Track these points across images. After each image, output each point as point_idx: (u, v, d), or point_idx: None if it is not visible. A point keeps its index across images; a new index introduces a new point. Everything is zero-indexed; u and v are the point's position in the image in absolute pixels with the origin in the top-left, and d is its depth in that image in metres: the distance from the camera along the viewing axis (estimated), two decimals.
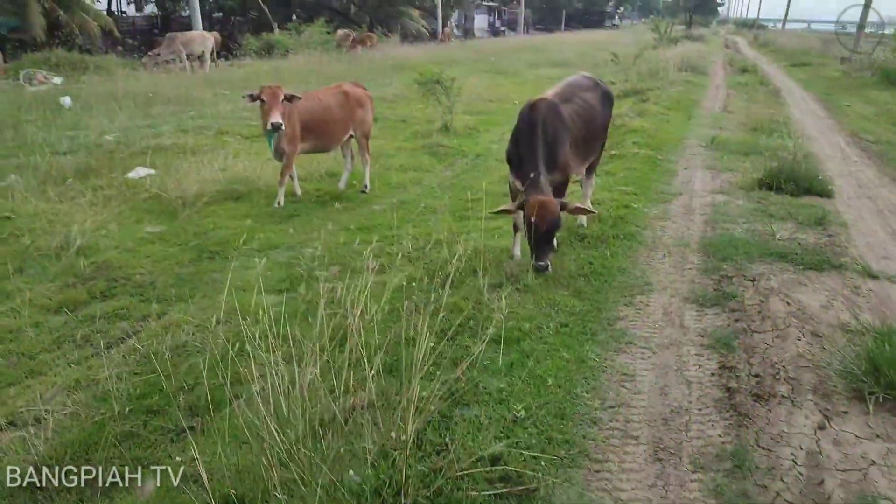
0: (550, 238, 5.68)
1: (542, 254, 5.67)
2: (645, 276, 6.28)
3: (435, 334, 5.14)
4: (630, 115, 14.21)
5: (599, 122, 6.98)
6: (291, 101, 9.38)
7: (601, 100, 7.10)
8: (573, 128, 6.34)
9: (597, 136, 7.03)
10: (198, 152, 12.61)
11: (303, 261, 8.04)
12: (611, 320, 5.36)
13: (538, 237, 5.57)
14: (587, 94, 6.89)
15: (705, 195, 9.04)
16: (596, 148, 7.15)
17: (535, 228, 5.51)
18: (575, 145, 6.39)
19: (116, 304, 6.91)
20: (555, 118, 6.08)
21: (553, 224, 5.59)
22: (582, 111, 6.58)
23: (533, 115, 6.01)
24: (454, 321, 5.20)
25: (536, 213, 5.51)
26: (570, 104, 6.50)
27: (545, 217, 5.51)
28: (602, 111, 7.06)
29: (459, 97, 20.18)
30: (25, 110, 15.49)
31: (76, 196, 9.94)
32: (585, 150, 6.74)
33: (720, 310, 5.63)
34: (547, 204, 5.56)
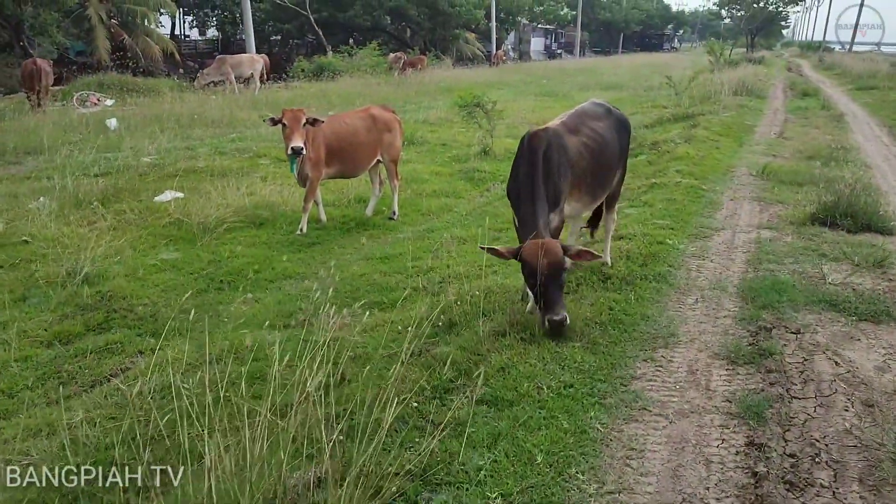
0: (558, 283, 4.97)
1: (554, 304, 4.94)
2: (672, 325, 5.54)
3: (424, 391, 4.54)
4: (677, 140, 13.39)
5: (612, 153, 6.23)
6: (314, 124, 8.94)
7: (615, 129, 6.37)
8: (579, 162, 5.65)
9: (610, 170, 6.28)
10: (229, 175, 12.32)
11: (311, 296, 7.56)
12: (624, 380, 4.65)
13: (544, 284, 4.91)
14: (598, 124, 6.16)
15: (750, 230, 8.21)
16: (609, 182, 6.38)
17: (538, 275, 4.86)
18: (583, 181, 5.70)
19: (112, 338, 6.51)
20: (558, 150, 5.41)
21: (558, 267, 4.89)
22: (592, 143, 5.86)
23: (533, 146, 5.34)
24: (444, 376, 4.58)
25: (533, 257, 4.85)
26: (577, 135, 5.80)
27: (546, 262, 4.83)
28: (616, 141, 6.32)
29: (503, 120, 19.64)
30: (71, 131, 15.49)
31: (98, 220, 9.68)
32: (595, 187, 6.00)
33: (754, 369, 4.86)
34: (548, 245, 4.88)
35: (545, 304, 4.93)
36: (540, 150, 5.30)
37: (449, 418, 4.07)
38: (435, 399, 4.38)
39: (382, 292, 7.56)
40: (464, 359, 4.81)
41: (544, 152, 5.29)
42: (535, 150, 5.30)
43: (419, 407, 4.29)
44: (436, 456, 3.72)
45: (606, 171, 6.12)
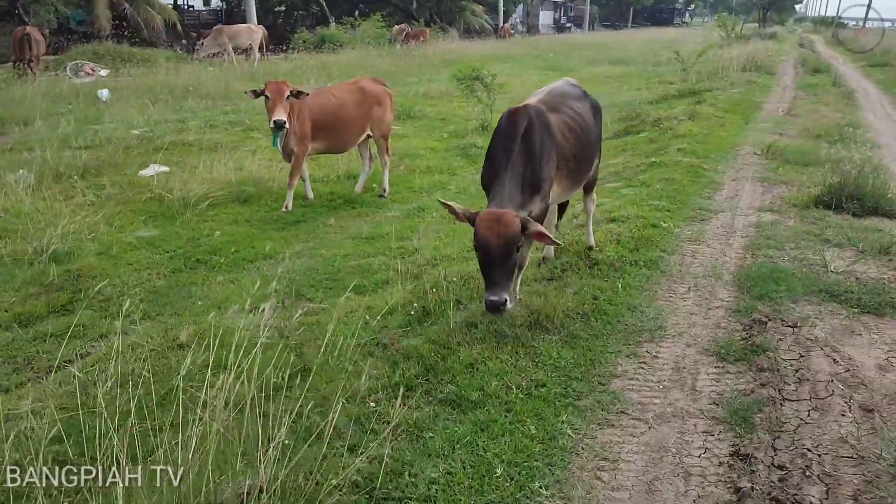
0: (506, 262, 4.31)
1: (496, 283, 4.26)
2: (660, 316, 5.15)
3: (385, 389, 4.18)
4: (680, 117, 12.88)
5: (591, 138, 5.71)
6: (298, 97, 8.53)
7: (591, 112, 5.87)
8: (564, 143, 5.16)
9: (592, 156, 5.79)
10: (218, 149, 11.92)
11: (288, 278, 7.20)
12: (603, 378, 4.27)
13: (489, 259, 4.29)
14: (577, 104, 5.66)
15: (751, 213, 7.78)
16: (589, 170, 5.87)
17: (484, 247, 4.29)
18: (566, 166, 5.20)
19: (75, 320, 6.15)
20: (541, 130, 4.91)
21: (508, 241, 4.24)
22: (574, 124, 5.37)
23: (513, 124, 4.85)
24: (408, 372, 4.22)
25: (486, 226, 4.27)
26: (558, 114, 5.30)
27: (499, 232, 4.22)
28: (594, 126, 5.83)
29: (506, 94, 19.12)
30: (61, 102, 15.09)
31: (76, 195, 9.33)
32: (577, 174, 5.50)
33: (745, 367, 4.47)
34: (503, 216, 4.28)
35: (487, 282, 4.36)
36: (520, 130, 4.75)
37: (404, 421, 3.71)
38: (396, 398, 4.01)
39: (364, 274, 7.18)
40: (432, 353, 4.45)
41: (525, 132, 4.78)
42: (515, 130, 4.76)
43: (378, 408, 3.93)
44: (387, 465, 3.36)
45: (588, 155, 5.63)
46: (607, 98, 18.63)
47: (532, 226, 4.42)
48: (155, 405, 4.57)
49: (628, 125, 13.18)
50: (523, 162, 4.69)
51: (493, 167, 4.76)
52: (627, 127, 13.10)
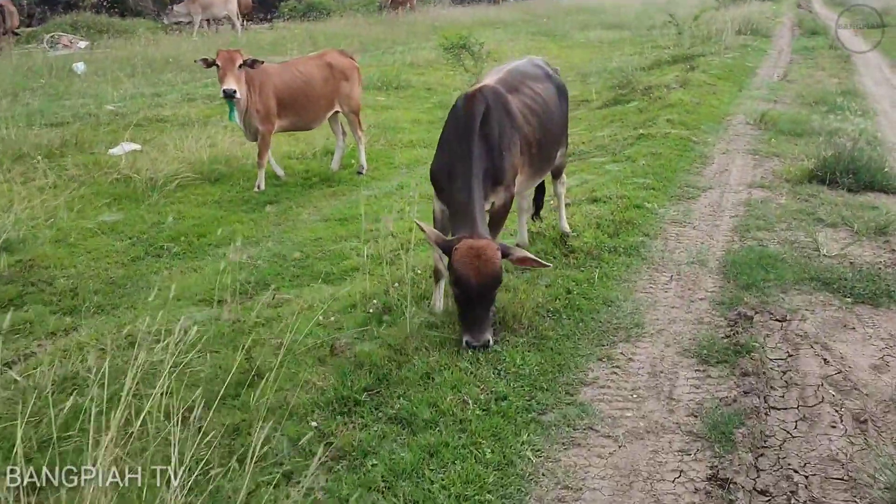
0: (488, 301, 4.00)
1: (477, 324, 4.00)
2: (638, 312, 4.73)
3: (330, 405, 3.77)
4: (672, 85, 12.33)
5: (556, 122, 5.20)
6: (253, 66, 8.06)
7: (555, 93, 5.31)
8: (526, 127, 4.65)
9: (554, 142, 5.26)
10: (193, 124, 11.39)
11: (252, 266, 6.79)
12: (572, 387, 3.86)
13: (469, 299, 3.95)
14: (539, 85, 5.12)
15: (741, 190, 7.32)
16: (554, 157, 5.37)
17: (464, 287, 3.91)
18: (529, 152, 4.69)
19: (22, 317, 5.76)
20: (500, 113, 4.41)
21: (491, 280, 3.91)
22: (536, 106, 4.86)
23: (469, 110, 4.31)
24: (358, 384, 3.81)
25: (466, 263, 3.85)
26: (518, 95, 4.79)
27: (481, 271, 3.84)
28: (559, 109, 5.29)
29: (497, 61, 18.51)
30: (34, 77, 14.52)
31: (37, 177, 8.85)
32: (542, 160, 5.00)
33: (728, 371, 4.06)
34: (483, 251, 3.86)
35: (468, 323, 4.02)
36: (477, 115, 4.24)
37: (347, 443, 3.32)
38: (342, 415, 3.61)
39: (333, 261, 6.76)
40: (386, 360, 4.03)
41: (483, 117, 4.27)
42: (472, 116, 4.25)
43: (321, 426, 3.52)
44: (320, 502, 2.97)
45: (553, 140, 5.14)
46: (598, 64, 18.05)
47: (514, 252, 4.08)
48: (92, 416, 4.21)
49: (618, 94, 12.64)
50: (483, 151, 4.21)
51: (450, 158, 4.27)
52: (617, 96, 12.56)
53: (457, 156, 4.24)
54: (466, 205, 4.09)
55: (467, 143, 4.20)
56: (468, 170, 4.13)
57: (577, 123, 11.44)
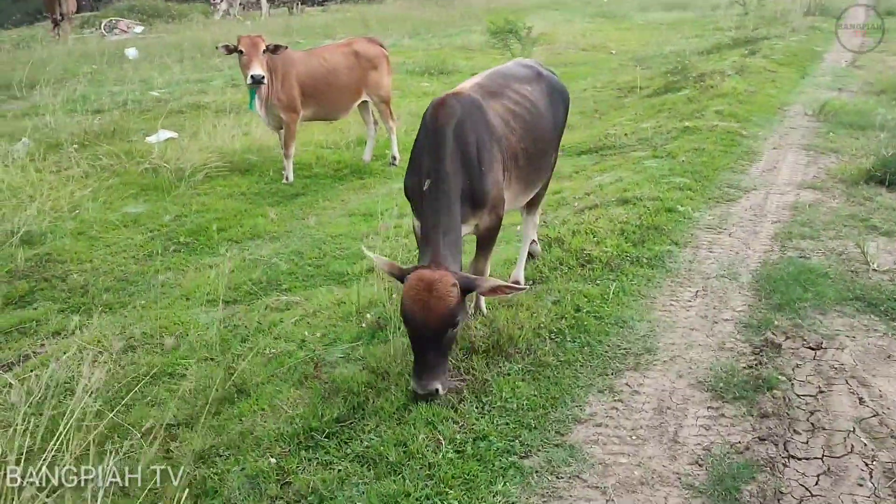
0: (439, 342, 3.42)
1: (425, 371, 3.43)
2: (653, 334, 4.26)
3: (297, 436, 3.46)
4: (728, 72, 11.56)
5: (547, 128, 4.58)
6: (276, 52, 7.78)
7: (548, 96, 4.68)
8: (509, 137, 4.13)
9: (545, 151, 4.64)
10: (233, 111, 11.24)
11: (269, 263, 6.54)
12: (564, 425, 3.44)
13: (417, 339, 3.44)
14: (525, 87, 4.53)
15: (788, 191, 6.69)
16: (544, 169, 4.74)
17: (411, 324, 3.42)
18: (515, 164, 4.17)
19: (28, 315, 5.65)
20: (476, 124, 3.86)
21: (442, 319, 3.34)
22: (521, 109, 4.32)
23: (439, 122, 3.77)
24: (329, 415, 3.49)
25: (414, 297, 3.34)
26: (500, 100, 4.24)
27: (430, 308, 3.31)
28: (550, 113, 4.65)
29: (549, 45, 17.92)
30: (87, 62, 14.63)
31: (71, 166, 8.80)
32: (530, 172, 4.43)
33: (745, 409, 3.58)
34: (435, 285, 3.32)
35: (417, 367, 3.48)
36: (449, 128, 3.72)
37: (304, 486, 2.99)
38: (307, 449, 3.29)
39: (350, 260, 6.47)
40: (364, 386, 3.69)
41: (456, 130, 3.74)
42: (442, 129, 3.72)
43: (280, 462, 3.21)
44: None
45: (542, 148, 4.54)
46: (654, 48, 17.25)
47: (480, 284, 3.51)
48: (71, 429, 4.01)
49: (669, 81, 11.94)
50: (457, 169, 3.71)
51: (418, 176, 3.79)
52: (668, 83, 11.86)
53: (425, 173, 3.73)
54: (430, 229, 3.60)
55: (437, 160, 3.69)
56: (435, 190, 3.64)
57: (623, 112, 10.86)
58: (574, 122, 10.89)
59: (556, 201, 7.13)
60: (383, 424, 3.35)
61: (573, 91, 13.72)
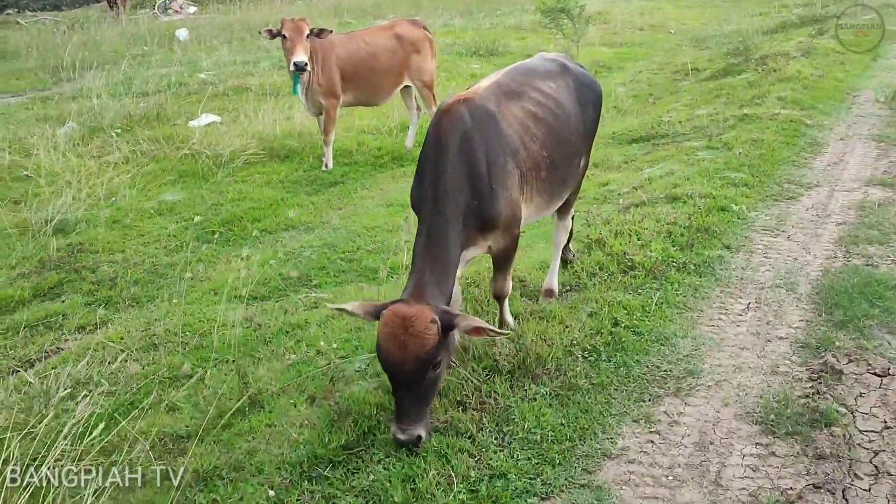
0: (418, 385, 3.00)
1: (405, 415, 3.04)
2: (697, 353, 3.86)
3: (300, 465, 3.19)
4: (793, 53, 10.85)
5: (574, 130, 4.07)
6: (320, 35, 7.51)
7: (576, 93, 4.18)
8: (529, 146, 3.67)
9: (571, 158, 4.09)
10: (277, 94, 11.05)
11: (299, 258, 6.32)
12: (592, 460, 3.08)
13: (394, 382, 3.05)
14: (548, 84, 4.03)
15: (855, 188, 6.13)
16: (571, 176, 4.24)
17: (386, 367, 3.04)
18: (536, 175, 3.73)
19: (56, 308, 5.55)
20: (488, 136, 3.44)
21: (420, 360, 2.94)
22: (544, 112, 3.84)
23: (443, 131, 3.36)
24: (340, 439, 3.21)
25: (389, 335, 2.95)
26: (519, 102, 3.77)
27: (407, 348, 2.92)
28: (577, 112, 4.14)
29: (604, 24, 17.26)
30: (137, 44, 14.62)
31: (112, 151, 8.71)
32: (553, 185, 3.97)
33: (799, 447, 3.17)
34: (412, 322, 2.93)
35: (397, 410, 3.09)
36: (453, 140, 3.31)
37: None
38: (309, 480, 3.02)
39: (383, 254, 6.20)
40: (377, 408, 3.40)
41: (462, 142, 3.32)
42: (445, 141, 3.31)
43: (280, 495, 2.95)
44: None
45: (568, 154, 4.05)
46: (715, 28, 16.45)
47: (461, 321, 3.07)
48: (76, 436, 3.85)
49: (729, 63, 11.28)
50: (463, 187, 3.30)
51: (422, 190, 3.39)
52: (728, 66, 11.20)
53: (426, 187, 3.35)
54: (419, 254, 3.21)
55: (437, 176, 3.29)
56: (432, 210, 3.25)
57: (679, 97, 10.29)
58: (627, 107, 10.38)
59: (603, 195, 6.72)
60: (392, 455, 3.05)
61: (627, 73, 13.18)
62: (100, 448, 3.80)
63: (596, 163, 7.95)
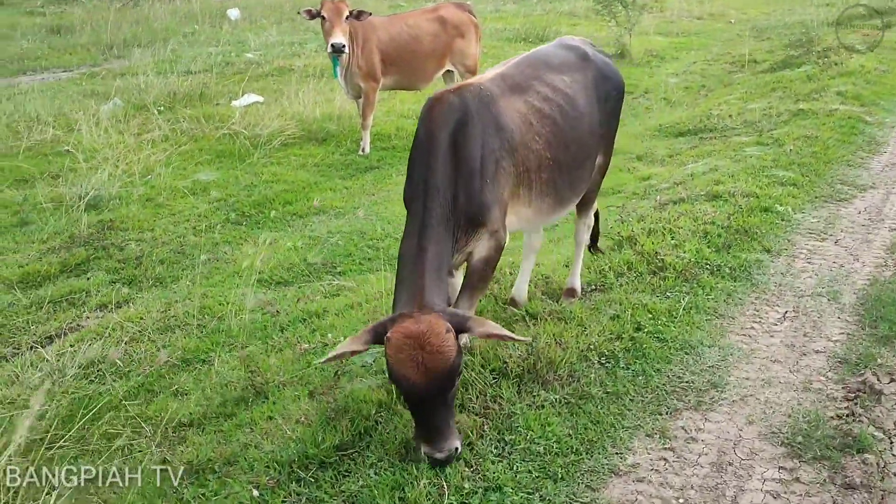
0: (447, 400, 2.76)
1: (436, 433, 2.76)
2: (724, 364, 3.60)
3: (291, 465, 3.05)
4: (858, 47, 10.29)
5: (588, 130, 3.75)
6: (360, 17, 7.37)
7: (594, 87, 3.84)
8: (530, 144, 3.37)
9: (582, 160, 3.72)
10: (322, 76, 10.95)
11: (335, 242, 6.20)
12: (598, 477, 2.87)
13: (418, 404, 2.76)
14: (562, 78, 3.68)
15: None
16: (581, 180, 3.81)
17: (409, 392, 2.73)
18: (536, 177, 3.42)
19: (81, 285, 5.55)
20: (486, 125, 3.16)
21: (445, 376, 2.68)
22: (551, 109, 3.51)
23: (433, 123, 3.09)
24: (333, 440, 3.07)
25: (406, 358, 2.64)
26: (524, 96, 3.46)
27: (429, 368, 2.63)
28: (595, 110, 3.82)
29: (661, 13, 16.76)
30: (189, 22, 14.70)
31: (153, 129, 8.74)
32: (559, 188, 3.57)
33: (827, 474, 2.90)
34: (427, 339, 2.64)
35: (424, 431, 2.80)
36: (443, 132, 3.05)
37: None
38: (297, 482, 2.88)
39: None
40: (377, 406, 3.24)
41: (455, 133, 3.06)
42: (436, 132, 3.05)
43: (264, 496, 2.82)
44: None
45: (578, 156, 3.67)
46: (777, 18, 15.80)
47: (474, 326, 2.80)
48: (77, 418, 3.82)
49: (788, 55, 10.77)
50: (453, 183, 3.03)
51: (413, 186, 3.15)
52: (787, 58, 10.70)
53: (416, 183, 3.10)
54: (413, 256, 2.93)
55: (427, 171, 3.02)
56: (422, 208, 2.98)
57: (733, 90, 9.87)
58: (677, 99, 10.01)
59: (643, 189, 6.44)
60: (385, 459, 2.90)
61: (682, 63, 12.73)
62: (103, 432, 3.81)
63: (639, 156, 7.66)
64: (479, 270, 3.26)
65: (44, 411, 4.03)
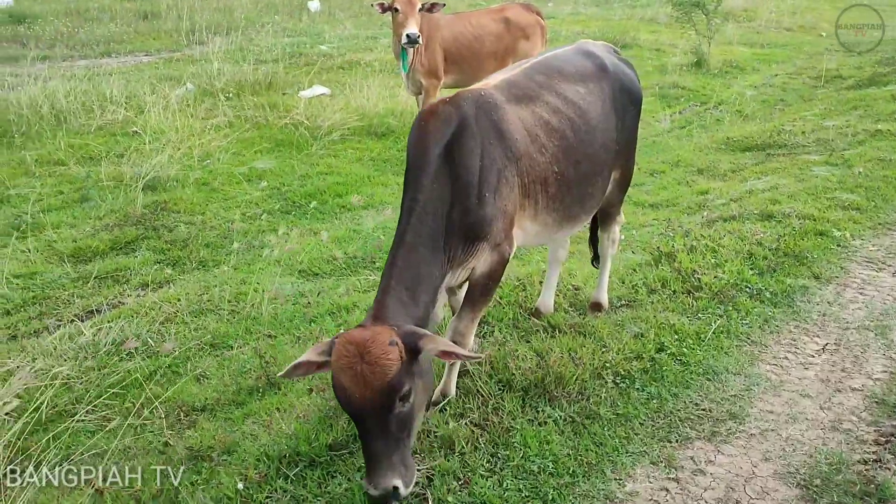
0: (389, 424, 2.47)
1: (374, 463, 2.46)
2: (747, 394, 3.40)
3: (283, 460, 3.03)
4: None
5: (601, 144, 3.49)
6: (432, 10, 7.33)
7: (610, 97, 3.62)
8: (534, 156, 3.16)
9: (592, 176, 3.50)
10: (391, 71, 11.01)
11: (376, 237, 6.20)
12: (591, 502, 2.74)
13: (357, 423, 2.52)
14: (575, 88, 3.46)
15: None
16: (592, 196, 3.55)
17: (344, 405, 2.49)
18: (544, 191, 3.25)
19: (126, 263, 5.71)
20: (487, 134, 3.00)
21: (385, 393, 2.42)
22: (561, 124, 3.30)
23: (424, 133, 2.92)
24: (327, 438, 3.04)
25: (344, 367, 2.43)
26: (531, 106, 3.27)
27: (365, 379, 2.39)
28: (611, 124, 3.59)
29: (748, 23, 16.19)
30: (269, 12, 15.00)
31: (218, 115, 8.94)
32: (567, 204, 3.37)
33: None
34: (368, 348, 2.42)
35: (365, 459, 2.50)
36: (436, 148, 2.87)
37: None
38: (284, 478, 2.85)
39: None
40: None
41: (448, 149, 2.89)
42: (427, 148, 2.87)
43: (249, 490, 2.80)
44: None
45: (587, 174, 3.44)
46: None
47: (427, 344, 2.52)
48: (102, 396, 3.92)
49: (876, 73, 10.21)
50: (446, 197, 2.86)
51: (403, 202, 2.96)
52: (874, 75, 10.14)
53: (404, 201, 2.91)
54: (385, 270, 2.80)
55: (415, 186, 2.85)
56: (405, 221, 2.82)
57: (811, 106, 9.41)
58: (751, 112, 9.62)
59: (698, 204, 6.19)
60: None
61: (762, 75, 12.24)
62: (120, 408, 3.88)
63: (701, 169, 7.38)
64: (480, 285, 3.11)
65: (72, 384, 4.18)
